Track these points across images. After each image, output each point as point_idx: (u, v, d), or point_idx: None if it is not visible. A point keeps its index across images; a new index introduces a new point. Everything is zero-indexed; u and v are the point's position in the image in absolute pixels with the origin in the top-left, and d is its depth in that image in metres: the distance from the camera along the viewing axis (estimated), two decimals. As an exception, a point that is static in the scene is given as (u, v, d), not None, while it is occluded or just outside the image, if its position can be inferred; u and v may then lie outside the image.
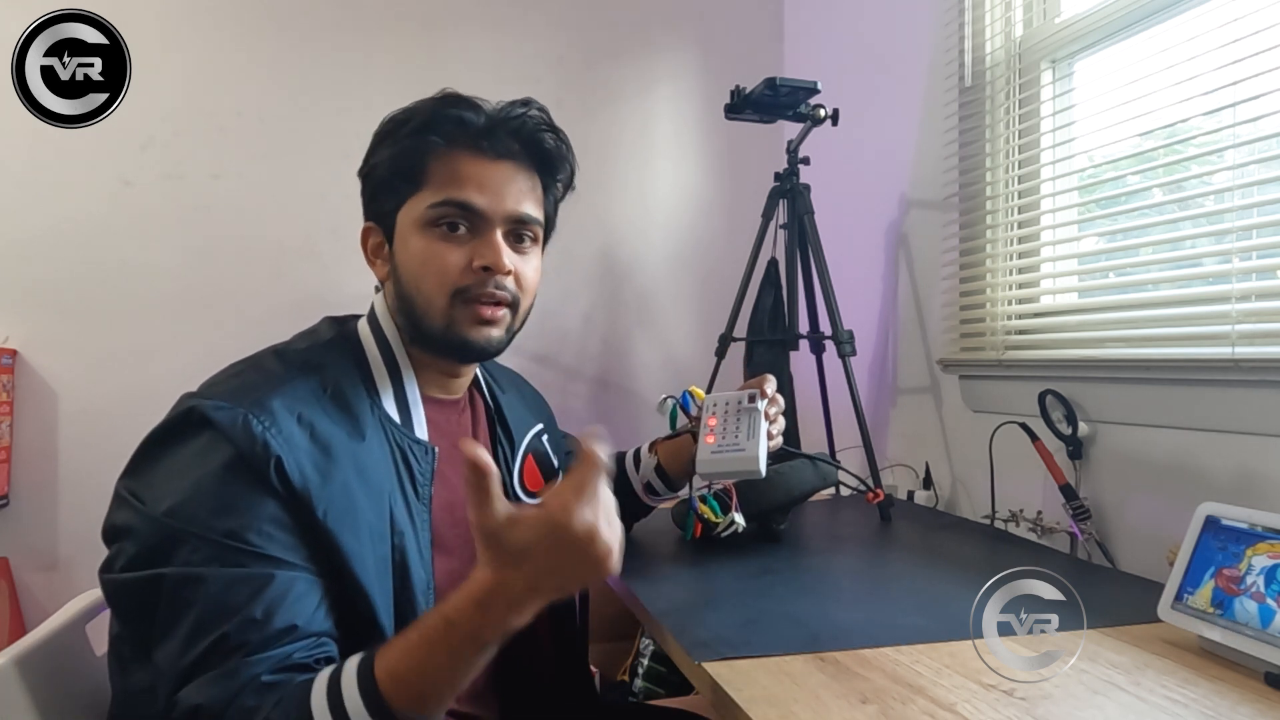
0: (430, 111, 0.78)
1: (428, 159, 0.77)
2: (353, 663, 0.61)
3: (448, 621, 0.60)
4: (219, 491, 0.64)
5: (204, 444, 0.65)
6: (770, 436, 0.92)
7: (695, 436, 1.00)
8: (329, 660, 0.64)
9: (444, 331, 0.79)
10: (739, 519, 0.91)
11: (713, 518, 0.91)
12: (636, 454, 1.12)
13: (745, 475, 0.91)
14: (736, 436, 0.90)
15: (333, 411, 0.72)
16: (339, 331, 0.81)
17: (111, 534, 0.67)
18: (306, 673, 0.62)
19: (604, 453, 0.59)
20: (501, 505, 0.58)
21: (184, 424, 0.67)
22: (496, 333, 0.80)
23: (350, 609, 0.68)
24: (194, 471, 0.65)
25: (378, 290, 0.86)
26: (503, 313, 0.80)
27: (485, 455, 0.58)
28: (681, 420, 1.02)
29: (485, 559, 0.59)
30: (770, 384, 0.96)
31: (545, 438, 1.01)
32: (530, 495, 0.92)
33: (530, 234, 0.83)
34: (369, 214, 0.82)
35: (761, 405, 0.92)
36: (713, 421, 0.92)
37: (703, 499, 0.90)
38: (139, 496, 0.65)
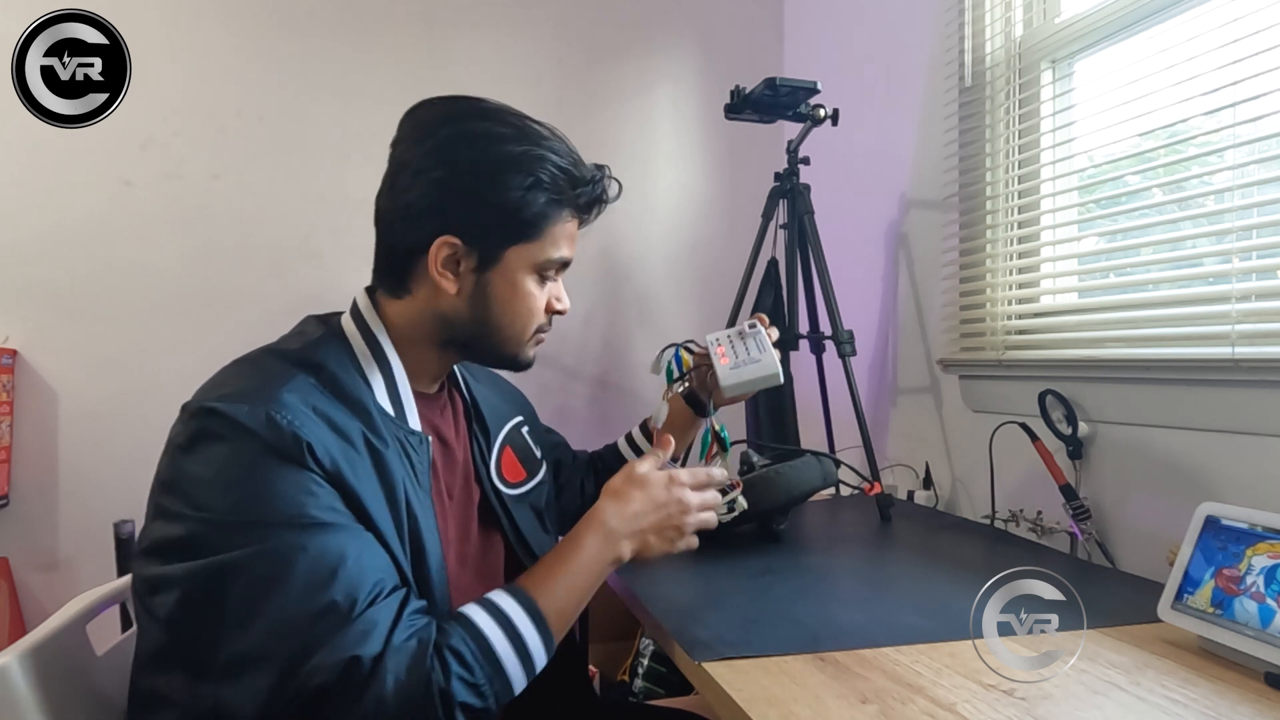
0: (565, 179, 0.81)
1: (553, 220, 0.81)
2: (499, 591, 0.72)
3: (579, 542, 0.77)
4: (266, 481, 0.65)
5: (235, 444, 0.66)
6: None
7: (694, 401, 1.05)
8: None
9: (513, 355, 0.86)
10: (741, 500, 0.94)
11: (719, 431, 0.97)
12: (630, 437, 1.15)
13: (767, 383, 0.97)
14: (749, 353, 0.97)
15: (339, 405, 0.73)
16: (327, 329, 0.81)
17: (164, 545, 0.66)
18: (427, 615, 0.69)
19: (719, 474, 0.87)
20: (651, 464, 0.84)
21: (208, 429, 0.67)
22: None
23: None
24: (235, 470, 0.66)
25: (369, 291, 0.86)
26: None
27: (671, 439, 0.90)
28: (676, 373, 1.05)
29: (613, 487, 0.81)
30: (764, 319, 1.03)
31: (525, 429, 1.01)
32: (509, 486, 0.93)
33: None
34: (457, 230, 0.79)
35: (763, 329, 1.00)
36: (721, 349, 0.99)
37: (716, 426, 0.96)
38: (189, 505, 0.65)
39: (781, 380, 0.96)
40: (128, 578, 0.86)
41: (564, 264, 0.85)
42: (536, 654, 0.70)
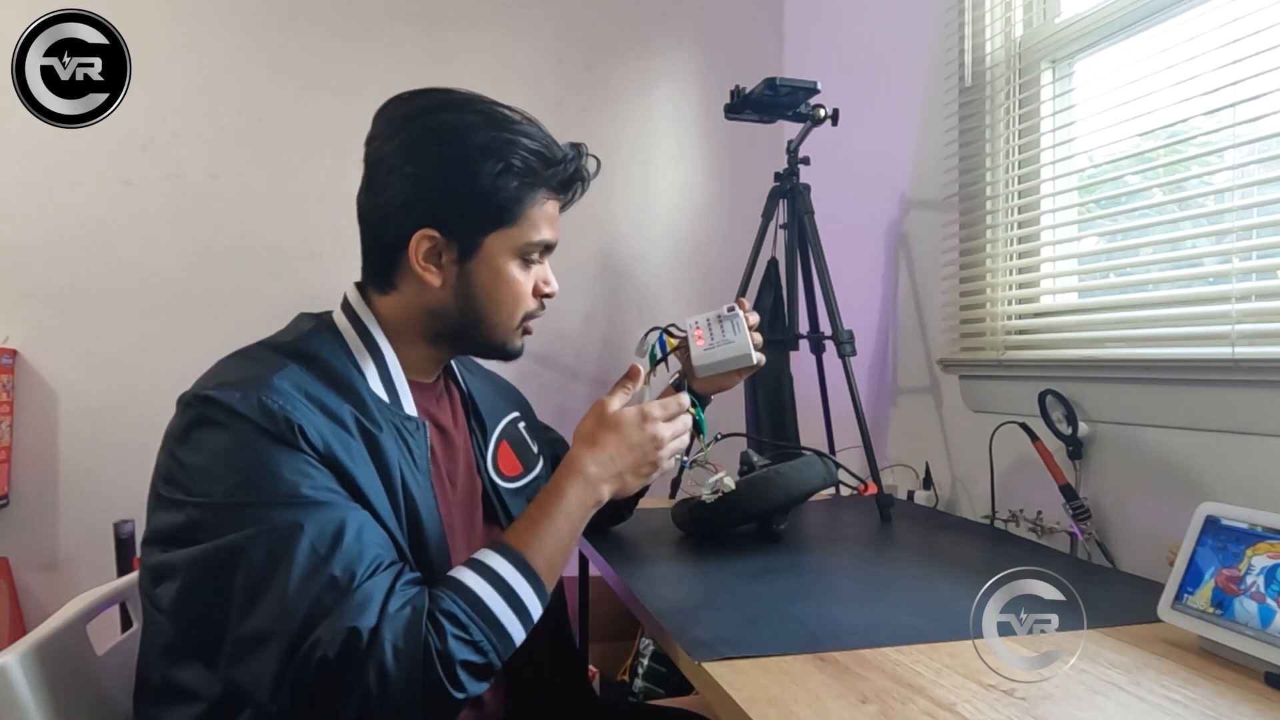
0: (537, 160, 0.81)
1: (528, 203, 0.82)
2: (484, 550, 0.73)
3: (560, 491, 0.78)
4: (261, 464, 0.66)
5: (230, 429, 0.67)
6: (753, 338, 1.00)
7: (678, 386, 1.04)
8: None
9: (502, 344, 0.86)
10: (727, 480, 0.96)
11: (698, 419, 0.96)
12: None
13: (739, 364, 0.97)
14: (724, 334, 0.99)
15: (331, 391, 0.74)
16: (318, 322, 0.83)
17: (166, 533, 0.67)
18: (419, 585, 0.69)
19: (686, 400, 0.89)
20: (621, 400, 0.86)
21: (203, 416, 0.68)
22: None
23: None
24: (230, 455, 0.67)
25: (359, 286, 0.86)
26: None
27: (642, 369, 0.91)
28: (659, 355, 1.04)
29: (584, 432, 0.83)
30: (746, 302, 1.05)
31: (522, 425, 1.02)
32: (505, 479, 0.93)
33: None
34: (434, 222, 0.79)
35: (741, 313, 1.01)
36: (699, 331, 1.01)
37: (693, 404, 0.95)
38: (188, 492, 0.66)
39: (753, 361, 0.97)
40: (128, 577, 0.87)
41: (547, 246, 0.85)
42: (531, 605, 0.72)
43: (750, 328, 1.00)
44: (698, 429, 0.97)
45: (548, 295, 0.88)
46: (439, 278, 0.81)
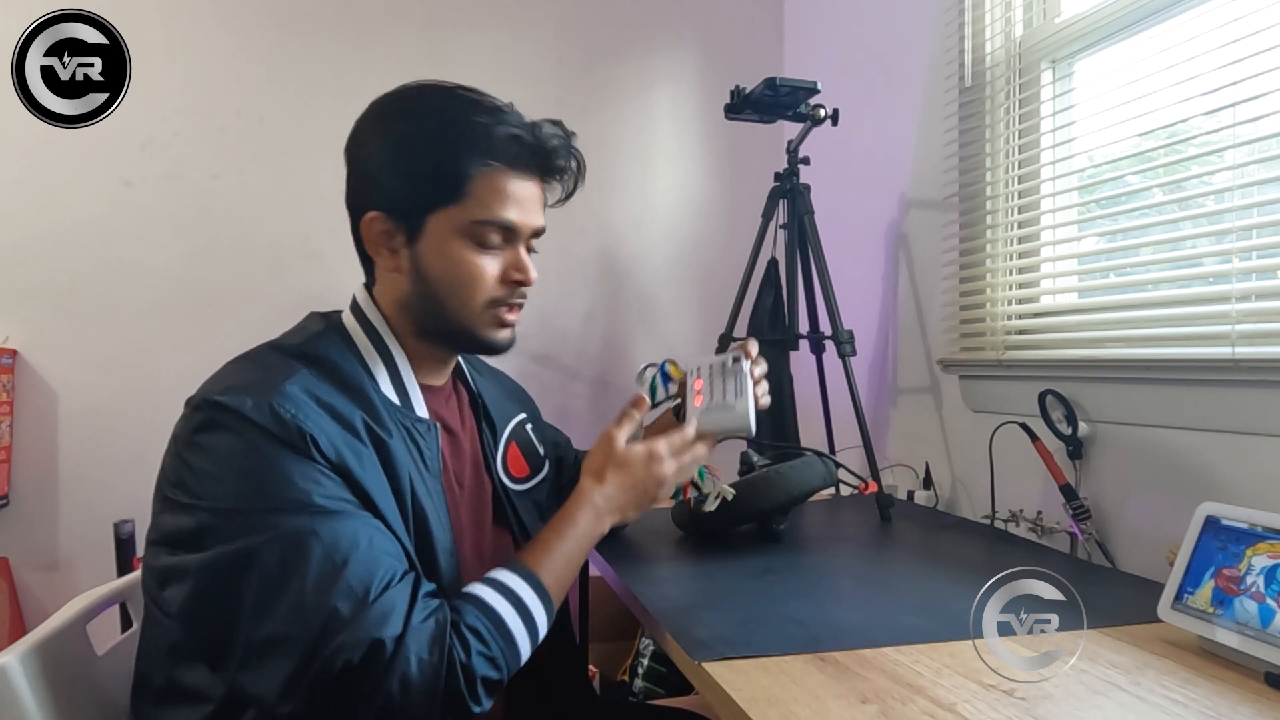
0: (478, 130, 0.78)
1: (473, 176, 0.78)
2: (501, 569, 0.74)
3: (572, 518, 0.80)
4: (272, 470, 0.66)
5: (240, 435, 0.67)
6: (756, 399, 0.93)
7: (678, 413, 0.99)
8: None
9: (470, 333, 0.83)
10: (726, 489, 0.95)
11: (698, 481, 0.95)
12: None
13: (737, 433, 0.91)
14: (725, 395, 0.90)
15: (341, 394, 0.74)
16: (327, 324, 0.82)
17: (174, 537, 0.67)
18: (438, 597, 0.70)
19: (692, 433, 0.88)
20: (628, 431, 0.87)
21: (213, 421, 0.68)
22: (512, 333, 0.86)
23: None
24: (241, 461, 0.67)
25: (367, 286, 0.86)
26: (517, 315, 0.86)
27: (646, 397, 0.92)
28: (660, 394, 0.99)
29: (594, 466, 0.84)
30: (753, 345, 0.97)
31: (529, 427, 1.02)
32: (514, 481, 0.93)
33: (537, 239, 0.86)
34: (383, 204, 0.79)
35: (747, 366, 0.93)
36: (699, 384, 0.93)
37: None
38: (198, 496, 0.66)
39: (753, 433, 0.90)
40: (128, 577, 0.87)
41: (505, 227, 0.80)
42: (541, 624, 0.74)
43: (755, 381, 0.93)
44: (695, 487, 0.96)
45: (520, 282, 0.82)
46: (392, 262, 0.81)
